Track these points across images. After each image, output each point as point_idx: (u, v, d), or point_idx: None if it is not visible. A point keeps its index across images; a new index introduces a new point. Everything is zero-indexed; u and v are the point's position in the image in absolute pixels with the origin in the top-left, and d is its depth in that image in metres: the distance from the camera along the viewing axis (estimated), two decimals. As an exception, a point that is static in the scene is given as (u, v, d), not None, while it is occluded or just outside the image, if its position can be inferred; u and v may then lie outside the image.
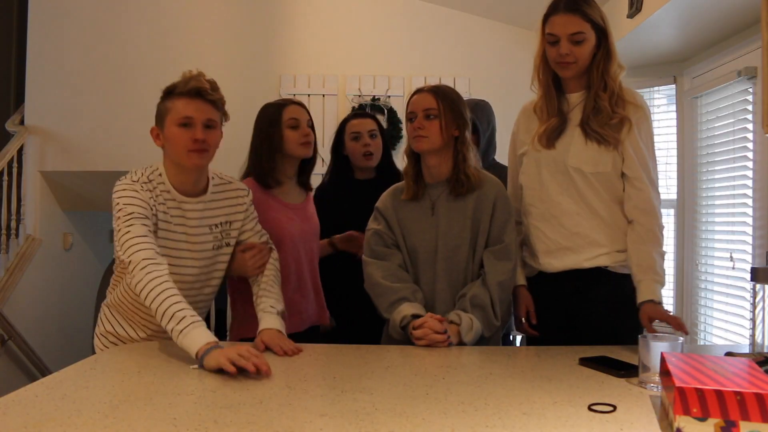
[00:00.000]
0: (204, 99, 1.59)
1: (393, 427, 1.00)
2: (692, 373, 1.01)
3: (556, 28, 1.71)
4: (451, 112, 1.75)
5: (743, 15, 2.72)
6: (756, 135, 2.82)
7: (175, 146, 1.59)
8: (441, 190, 1.78)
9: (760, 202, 2.77)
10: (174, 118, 1.58)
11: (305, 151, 1.99)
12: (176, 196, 1.63)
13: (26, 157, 4.43)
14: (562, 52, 1.71)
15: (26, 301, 4.26)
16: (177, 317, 1.40)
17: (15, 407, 1.08)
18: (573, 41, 1.70)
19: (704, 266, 3.31)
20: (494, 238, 1.75)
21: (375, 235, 1.79)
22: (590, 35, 1.70)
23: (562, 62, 1.73)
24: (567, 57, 1.71)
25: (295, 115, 1.99)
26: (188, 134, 1.57)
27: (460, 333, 1.63)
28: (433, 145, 1.74)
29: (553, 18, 1.72)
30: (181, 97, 1.58)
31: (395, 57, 4.42)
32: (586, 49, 1.71)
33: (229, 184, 1.77)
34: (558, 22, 1.71)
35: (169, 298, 1.43)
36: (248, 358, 1.30)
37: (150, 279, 1.45)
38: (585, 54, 1.72)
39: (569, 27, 1.69)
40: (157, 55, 4.29)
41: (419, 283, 1.76)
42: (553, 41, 1.72)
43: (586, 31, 1.70)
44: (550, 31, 1.72)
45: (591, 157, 1.73)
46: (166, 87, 1.62)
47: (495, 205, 1.75)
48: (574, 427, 1.01)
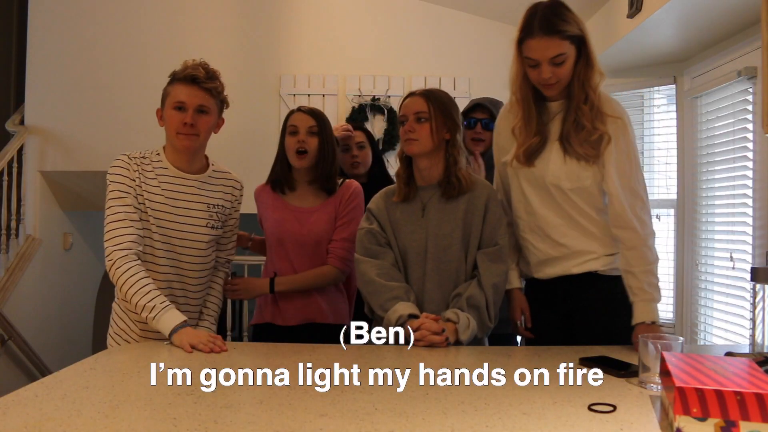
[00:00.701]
0: (198, 86, 1.72)
1: (393, 427, 1.00)
2: (692, 373, 1.01)
3: (534, 52, 1.64)
4: (442, 116, 1.76)
5: (743, 15, 2.72)
6: (756, 135, 2.82)
7: (168, 128, 1.75)
8: (432, 192, 1.80)
9: (760, 202, 2.77)
10: (170, 102, 1.73)
11: (298, 161, 2.00)
12: (174, 172, 1.79)
13: (26, 157, 4.43)
14: (545, 76, 1.65)
15: (26, 301, 4.26)
16: (148, 308, 1.61)
17: (15, 407, 1.08)
18: (554, 63, 1.64)
19: (704, 266, 3.31)
20: (487, 240, 1.76)
21: (368, 233, 1.80)
22: (570, 52, 1.64)
23: (546, 84, 1.69)
24: (550, 80, 1.67)
25: (295, 122, 2.02)
26: (180, 117, 1.72)
27: (458, 331, 1.64)
28: (424, 148, 1.75)
29: (529, 42, 1.64)
30: (178, 83, 1.73)
31: (395, 57, 4.41)
32: (567, 67, 1.66)
33: (227, 173, 1.91)
34: (536, 47, 1.63)
35: (141, 289, 1.62)
36: (205, 343, 1.53)
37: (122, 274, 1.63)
38: (567, 72, 1.67)
39: (549, 51, 1.62)
40: (157, 55, 4.28)
41: (409, 282, 1.77)
42: (533, 65, 1.66)
43: (566, 51, 1.63)
44: (528, 55, 1.66)
45: (570, 173, 1.72)
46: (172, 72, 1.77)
47: (487, 207, 1.77)
48: (574, 427, 1.01)
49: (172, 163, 1.79)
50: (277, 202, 2.07)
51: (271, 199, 2.08)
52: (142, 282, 1.63)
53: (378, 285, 1.73)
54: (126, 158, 1.75)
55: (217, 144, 3.21)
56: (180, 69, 1.75)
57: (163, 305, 1.61)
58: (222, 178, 1.87)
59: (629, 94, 3.89)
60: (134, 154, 1.77)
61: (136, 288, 1.62)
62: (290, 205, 2.06)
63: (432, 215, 1.78)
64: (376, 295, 1.72)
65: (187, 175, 1.80)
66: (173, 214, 1.76)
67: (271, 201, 2.08)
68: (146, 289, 1.62)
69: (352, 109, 4.31)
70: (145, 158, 1.77)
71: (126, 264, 1.64)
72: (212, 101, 1.76)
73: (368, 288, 1.75)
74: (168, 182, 1.77)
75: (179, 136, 1.73)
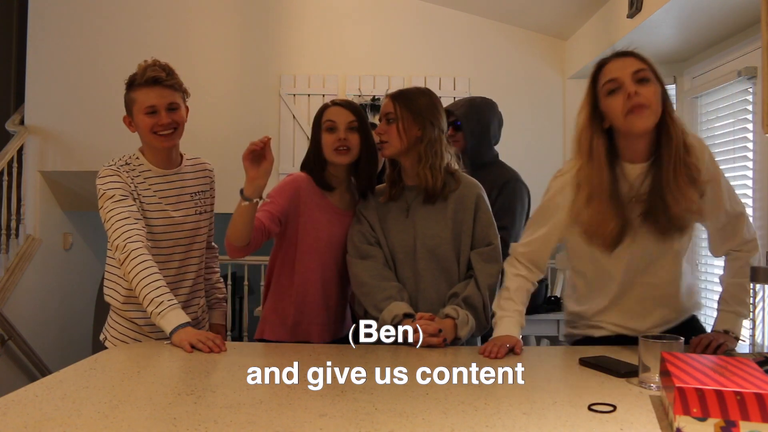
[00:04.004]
0: (162, 85, 1.74)
1: (393, 427, 1.00)
2: (692, 373, 1.01)
3: (615, 72, 1.45)
4: (410, 114, 1.74)
5: (743, 15, 2.72)
6: (756, 135, 2.82)
7: (145, 132, 1.76)
8: (417, 192, 1.79)
9: (760, 202, 2.77)
10: (140, 108, 1.74)
11: (340, 158, 1.81)
12: (157, 171, 1.82)
13: (26, 157, 4.43)
14: (630, 90, 1.41)
15: (26, 301, 4.26)
16: (155, 302, 1.61)
17: (15, 407, 1.08)
18: (637, 79, 1.43)
19: (704, 266, 3.31)
20: (480, 239, 1.76)
21: (358, 233, 1.81)
22: (653, 79, 1.44)
23: (636, 105, 1.41)
24: (638, 98, 1.40)
25: (332, 117, 1.83)
26: (154, 120, 1.74)
27: (457, 327, 1.64)
28: (394, 148, 1.75)
29: (608, 65, 1.47)
30: (141, 88, 1.74)
31: (395, 57, 4.42)
32: (652, 90, 1.43)
33: (197, 159, 1.96)
34: (616, 66, 1.46)
35: (152, 283, 1.62)
36: (205, 342, 1.54)
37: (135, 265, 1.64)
38: (654, 97, 1.42)
39: (630, 66, 1.44)
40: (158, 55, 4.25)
41: (401, 281, 1.77)
42: (614, 88, 1.44)
43: (648, 71, 1.44)
44: (609, 78, 1.45)
45: (657, 250, 1.53)
46: (128, 78, 1.78)
47: (477, 205, 1.76)
48: (574, 427, 1.01)
49: (153, 164, 1.81)
50: (322, 201, 1.86)
51: (317, 197, 1.85)
52: (154, 276, 1.64)
53: (371, 286, 1.73)
54: (114, 167, 1.76)
55: (217, 144, 3.23)
56: (138, 73, 1.75)
57: (170, 302, 1.62)
58: (195, 165, 1.93)
59: (629, 94, 3.89)
60: (118, 163, 1.78)
61: (147, 281, 1.62)
62: (334, 206, 1.88)
63: (417, 215, 1.78)
64: (370, 296, 1.72)
65: (169, 171, 1.84)
66: (168, 211, 1.80)
67: (316, 200, 1.85)
68: (156, 284, 1.63)
69: (352, 109, 4.31)
70: (128, 164, 1.79)
71: (141, 256, 1.65)
72: (178, 95, 1.78)
73: (362, 289, 1.75)
74: (156, 182, 1.81)
75: (159, 137, 1.75)
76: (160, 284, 1.63)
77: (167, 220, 1.80)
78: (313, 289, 1.84)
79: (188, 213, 1.85)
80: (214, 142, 3.90)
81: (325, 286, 1.86)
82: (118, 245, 1.66)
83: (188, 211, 1.85)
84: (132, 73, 1.78)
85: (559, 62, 4.29)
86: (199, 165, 1.94)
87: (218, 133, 4.22)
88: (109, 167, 1.76)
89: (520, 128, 4.14)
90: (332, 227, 1.85)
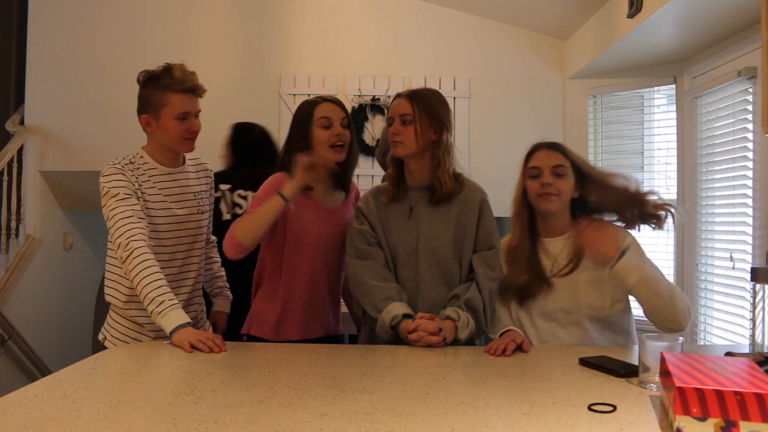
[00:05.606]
0: (196, 94, 1.79)
1: (393, 427, 1.00)
2: (692, 373, 1.01)
3: (539, 161, 1.79)
4: (428, 117, 1.75)
5: (743, 15, 2.72)
6: (756, 135, 2.81)
7: (172, 136, 1.78)
8: (421, 194, 1.80)
9: (760, 202, 2.77)
10: (172, 113, 1.76)
11: (336, 155, 1.84)
12: (162, 170, 1.84)
13: (26, 157, 4.42)
14: (546, 180, 1.75)
15: (26, 301, 4.26)
16: (156, 301, 1.61)
17: (15, 407, 1.08)
18: (555, 173, 1.76)
19: (704, 266, 3.31)
20: (482, 243, 1.77)
21: (358, 233, 1.80)
22: (569, 174, 1.77)
23: (546, 192, 1.75)
24: (550, 188, 1.75)
25: (328, 114, 1.84)
26: (184, 126, 1.77)
27: (457, 328, 1.64)
28: (409, 150, 1.75)
29: (537, 153, 1.81)
30: (177, 93, 1.75)
31: (395, 57, 4.41)
32: (565, 183, 1.76)
33: (198, 159, 1.99)
34: (542, 156, 1.79)
35: (154, 282, 1.62)
36: (205, 342, 1.56)
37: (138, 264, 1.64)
38: (566, 188, 1.77)
39: (552, 160, 1.77)
40: (158, 55, 4.24)
41: (400, 282, 1.77)
42: (535, 174, 1.78)
43: (567, 167, 1.77)
44: (533, 165, 1.79)
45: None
46: (152, 75, 1.78)
47: (481, 209, 1.78)
48: (574, 427, 1.01)
49: (160, 162, 1.83)
50: (308, 200, 1.87)
51: (302, 195, 1.84)
52: (156, 275, 1.64)
53: (370, 286, 1.73)
54: (118, 166, 1.76)
55: (218, 144, 3.22)
56: (176, 77, 1.75)
57: (171, 302, 1.62)
58: (197, 165, 1.96)
59: (629, 94, 3.89)
60: (122, 162, 1.78)
61: (149, 280, 1.63)
62: (320, 204, 1.90)
63: (421, 217, 1.78)
64: (369, 296, 1.72)
65: (174, 170, 1.86)
66: (172, 209, 1.82)
67: (302, 198, 1.84)
68: (158, 283, 1.63)
69: (352, 109, 4.30)
70: (132, 163, 1.79)
71: (143, 255, 1.65)
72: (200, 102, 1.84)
73: (361, 289, 1.75)
74: (161, 180, 1.82)
75: (187, 141, 1.80)
76: (161, 283, 1.64)
77: (171, 218, 1.81)
78: (300, 287, 1.87)
79: (191, 211, 1.87)
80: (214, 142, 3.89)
81: (313, 283, 1.88)
82: (121, 243, 1.66)
83: (191, 210, 1.87)
84: (157, 72, 1.77)
85: (559, 62, 4.29)
86: (200, 165, 1.98)
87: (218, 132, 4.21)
88: (113, 166, 1.76)
89: (520, 128, 4.14)
90: (319, 225, 1.87)
